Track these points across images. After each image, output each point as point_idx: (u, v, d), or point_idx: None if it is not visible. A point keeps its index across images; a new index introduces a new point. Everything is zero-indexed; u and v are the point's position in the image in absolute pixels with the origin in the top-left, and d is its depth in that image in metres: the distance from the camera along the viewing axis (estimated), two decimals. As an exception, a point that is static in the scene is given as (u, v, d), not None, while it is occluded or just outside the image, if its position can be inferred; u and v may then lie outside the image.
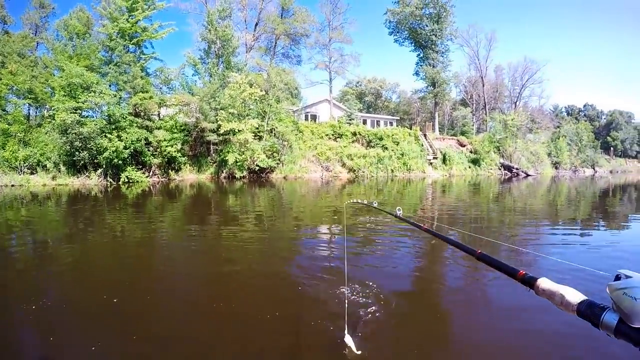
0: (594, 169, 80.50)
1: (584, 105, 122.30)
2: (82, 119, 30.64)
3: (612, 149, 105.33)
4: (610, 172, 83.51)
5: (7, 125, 32.12)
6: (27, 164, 30.95)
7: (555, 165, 69.75)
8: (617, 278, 1.31)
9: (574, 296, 1.50)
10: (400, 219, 3.92)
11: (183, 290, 6.30)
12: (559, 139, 72.62)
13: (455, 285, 6.51)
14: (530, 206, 19.45)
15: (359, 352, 3.99)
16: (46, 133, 32.60)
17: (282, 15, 55.69)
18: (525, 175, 55.12)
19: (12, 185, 28.55)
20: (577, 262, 6.34)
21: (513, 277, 1.88)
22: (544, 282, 1.68)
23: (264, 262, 8.09)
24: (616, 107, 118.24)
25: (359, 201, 5.15)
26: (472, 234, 3.59)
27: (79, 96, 31.01)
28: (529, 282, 1.76)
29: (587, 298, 1.46)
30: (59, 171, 31.01)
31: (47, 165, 31.10)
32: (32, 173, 30.94)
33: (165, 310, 5.31)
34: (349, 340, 4.07)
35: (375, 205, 4.79)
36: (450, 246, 2.54)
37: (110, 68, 34.50)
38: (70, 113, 29.76)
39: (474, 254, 2.27)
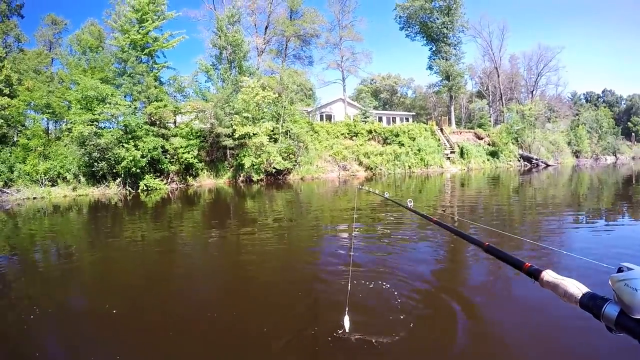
0: (615, 156, 78.92)
1: (603, 91, 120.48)
2: (99, 130, 31.06)
3: (633, 134, 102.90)
4: (633, 158, 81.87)
5: (26, 140, 32.63)
6: (47, 176, 31.36)
7: (576, 154, 68.84)
8: (620, 270, 1.33)
9: (577, 288, 1.53)
10: (411, 210, 4.03)
11: (203, 296, 6.41)
12: (578, 127, 71.48)
13: (472, 279, 6.57)
14: (551, 198, 19.20)
15: (350, 333, 4.11)
16: (65, 146, 33.08)
17: (291, 17, 56.03)
18: (545, 165, 54.22)
19: (34, 198, 28.97)
20: (592, 258, 6.33)
21: (519, 269, 1.92)
22: (548, 275, 1.72)
23: (283, 267, 8.24)
24: (636, 92, 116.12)
25: (372, 190, 5.25)
26: (482, 225, 3.63)
27: (95, 108, 31.38)
28: (534, 274, 1.81)
29: (589, 290, 1.49)
30: (79, 182, 31.42)
31: (67, 177, 31.51)
32: (52, 185, 31.37)
33: (187, 318, 5.41)
34: (346, 321, 4.15)
35: (387, 196, 4.95)
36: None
37: (124, 79, 34.88)
38: (87, 125, 30.13)
39: (482, 246, 2.33)
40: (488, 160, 54.66)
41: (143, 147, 31.79)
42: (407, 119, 66.45)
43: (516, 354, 4.34)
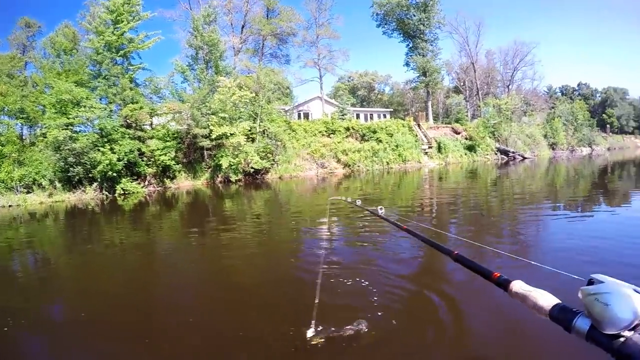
0: (591, 147, 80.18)
1: (578, 85, 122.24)
2: (74, 135, 30.55)
3: (608, 126, 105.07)
4: (608, 149, 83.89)
5: (0, 147, 32.21)
6: (22, 183, 30.85)
7: (552, 147, 69.80)
8: (590, 282, 1.33)
9: (547, 299, 1.52)
10: (381, 217, 4.04)
11: (183, 301, 6.47)
12: (554, 119, 72.59)
13: (453, 275, 6.68)
14: (528, 190, 19.61)
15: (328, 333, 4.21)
16: (40, 151, 32.61)
17: (267, 16, 55.88)
18: (522, 158, 55.08)
19: (10, 206, 28.49)
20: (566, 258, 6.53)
21: (488, 279, 1.92)
22: (517, 285, 1.71)
23: (263, 269, 8.37)
24: (610, 84, 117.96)
25: (343, 198, 5.30)
26: (454, 236, 3.67)
27: (70, 112, 30.93)
28: (503, 284, 1.80)
29: (560, 302, 1.48)
30: (55, 188, 30.94)
31: (43, 183, 31.01)
32: (28, 192, 30.85)
33: (166, 324, 5.45)
34: (310, 333, 4.22)
35: (359, 203, 4.95)
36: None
37: (99, 81, 34.49)
38: (62, 129, 29.69)
39: (451, 254, 2.35)
40: (465, 154, 55.21)
41: (119, 150, 31.44)
42: (384, 116, 66.85)
43: (498, 352, 4.47)
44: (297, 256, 9.07)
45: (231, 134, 35.32)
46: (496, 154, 57.49)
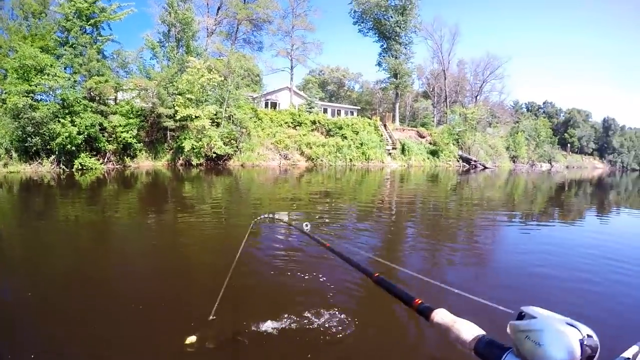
0: (550, 163, 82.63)
1: (544, 103, 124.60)
2: (35, 103, 29.66)
3: (569, 145, 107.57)
4: (567, 167, 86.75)
5: (-45, 108, 31.12)
6: (-24, 150, 30.08)
7: (513, 159, 71.57)
8: (521, 316, 1.27)
9: (472, 332, 1.45)
10: (306, 234, 3.98)
11: (133, 280, 6.35)
12: (517, 133, 74.59)
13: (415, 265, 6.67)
14: (485, 199, 19.88)
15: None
16: (-3, 118, 31.77)
17: (245, 0, 55.31)
18: (483, 167, 56.41)
19: (-39, 173, 27.78)
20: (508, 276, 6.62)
21: (409, 305, 1.84)
22: (440, 314, 1.63)
23: (216, 251, 8.30)
24: (575, 106, 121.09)
25: (269, 215, 5.25)
26: (380, 260, 3.68)
27: (32, 79, 30.04)
28: (425, 312, 1.72)
29: (485, 334, 1.41)
30: (11, 158, 29.98)
31: (-2, 152, 30.27)
32: (-19, 159, 30.10)
33: (115, 303, 5.32)
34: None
35: (285, 219, 5.05)
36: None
37: (65, 49, 33.43)
38: (23, 96, 28.81)
39: (371, 277, 2.28)
40: (428, 158, 56.24)
41: (80, 123, 30.65)
42: (352, 113, 67.19)
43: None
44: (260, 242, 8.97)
45: (196, 117, 35.00)
46: (458, 161, 58.67)
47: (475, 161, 57.89)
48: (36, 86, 29.95)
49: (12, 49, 33.64)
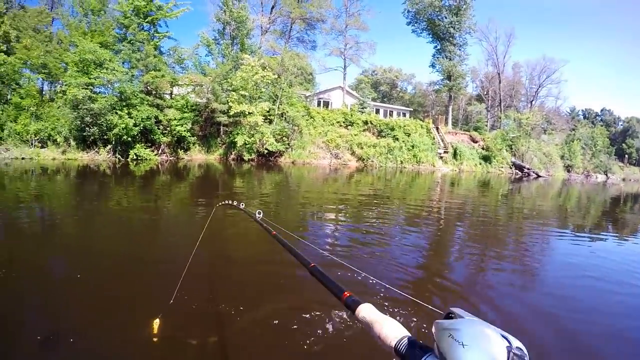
0: (606, 175, 79.48)
1: (601, 110, 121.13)
2: (94, 95, 30.59)
3: (627, 156, 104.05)
4: (623, 179, 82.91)
5: (20, 99, 32.31)
6: (38, 137, 31.11)
7: (568, 168, 69.31)
8: (448, 316, 1.21)
9: (395, 330, 1.39)
10: (256, 221, 4.00)
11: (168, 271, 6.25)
12: (573, 141, 72.16)
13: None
14: (536, 209, 19.15)
15: None
16: (58, 108, 32.81)
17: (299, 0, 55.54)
18: (536, 176, 54.48)
19: (23, 158, 28.71)
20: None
21: (338, 298, 1.79)
22: (365, 309, 1.58)
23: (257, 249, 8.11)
24: (634, 114, 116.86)
25: (229, 202, 5.23)
26: (333, 257, 3.60)
27: (92, 72, 30.94)
28: (351, 305, 1.67)
29: (408, 335, 1.35)
30: (69, 146, 31.18)
31: (58, 140, 31.24)
32: (42, 147, 31.11)
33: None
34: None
35: (242, 207, 4.98)
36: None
37: (123, 45, 34.46)
38: (82, 89, 29.75)
39: (307, 266, 2.24)
40: (480, 164, 54.94)
41: (137, 115, 31.52)
42: (404, 114, 66.36)
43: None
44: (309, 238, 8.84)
45: (249, 113, 35.25)
46: (511, 168, 57.05)
47: (528, 169, 56.12)
48: (95, 79, 30.80)
49: (72, 44, 34.77)
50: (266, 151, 36.80)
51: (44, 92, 37.74)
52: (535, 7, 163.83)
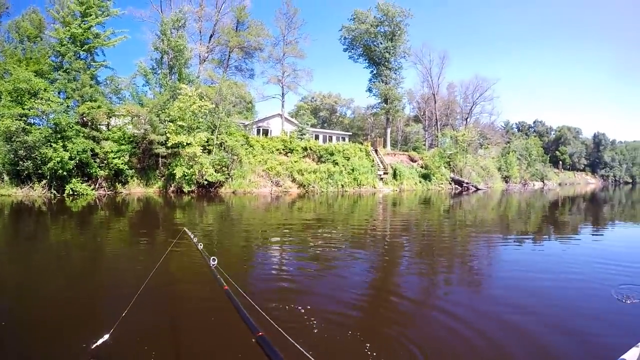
0: (543, 182, 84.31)
1: (534, 122, 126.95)
2: (28, 127, 29.91)
3: (561, 162, 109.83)
4: (559, 184, 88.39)
5: (-52, 130, 31.27)
6: (-32, 172, 30.19)
7: (506, 179, 72.46)
8: None
9: None
10: (211, 269, 3.91)
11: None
12: (509, 153, 75.76)
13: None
14: (478, 220, 19.97)
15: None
16: (-10, 140, 31.90)
17: (237, 28, 56.09)
18: (475, 189, 56.65)
19: (-48, 195, 27.87)
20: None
21: None
22: None
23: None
24: (565, 123, 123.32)
25: (191, 235, 5.31)
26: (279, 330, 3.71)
27: (26, 102, 30.33)
28: None
29: None
30: (2, 181, 30.19)
31: (-10, 174, 30.37)
32: (-27, 182, 30.20)
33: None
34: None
35: (201, 247, 4.86)
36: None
37: (59, 74, 33.76)
38: (16, 120, 29.12)
39: (255, 333, 2.21)
40: (420, 182, 56.34)
41: (72, 148, 30.81)
42: (343, 139, 67.58)
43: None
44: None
45: (188, 144, 35.11)
46: (450, 183, 58.89)
47: (467, 183, 58.08)
48: (29, 110, 30.24)
49: (6, 72, 33.83)
50: (206, 182, 36.47)
51: (-24, 122, 36.68)
52: (467, 29, 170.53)
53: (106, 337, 4.67)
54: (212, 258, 4.00)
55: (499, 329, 5.60)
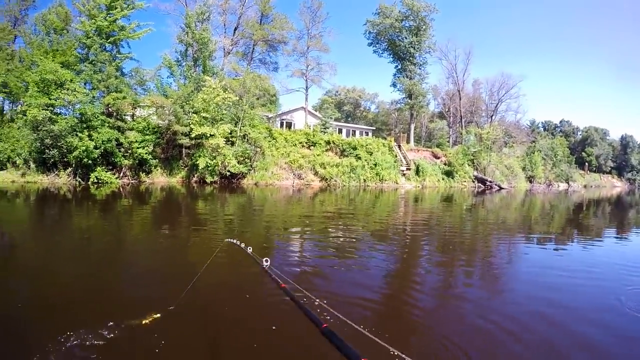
0: (568, 183, 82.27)
1: (560, 121, 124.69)
2: (54, 117, 30.42)
3: (586, 164, 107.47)
4: (584, 186, 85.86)
5: (-22, 119, 32.05)
6: (-3, 159, 30.88)
7: (530, 179, 70.97)
8: None
9: None
10: (265, 270, 3.88)
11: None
12: (534, 153, 74.15)
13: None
14: (501, 220, 19.60)
15: None
16: (18, 129, 32.55)
17: (261, 21, 56.37)
18: (498, 188, 55.77)
19: (-20, 181, 28.50)
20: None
21: None
22: None
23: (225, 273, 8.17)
24: (592, 124, 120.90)
25: (237, 243, 5.07)
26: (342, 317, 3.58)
27: (52, 93, 30.78)
28: None
29: None
30: (29, 168, 30.89)
31: (17, 162, 31.04)
32: (1, 169, 30.86)
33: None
34: None
35: (250, 251, 4.64)
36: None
37: (85, 66, 34.36)
38: (42, 110, 29.55)
39: (319, 326, 2.20)
40: (443, 179, 55.97)
41: (97, 137, 31.39)
42: (367, 133, 67.34)
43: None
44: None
45: (211, 135, 35.33)
46: (473, 181, 58.36)
47: (490, 182, 57.40)
48: (56, 100, 30.64)
49: (34, 63, 34.31)
50: (228, 173, 36.73)
51: (4, 112, 37.37)
52: (493, 25, 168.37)
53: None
54: (264, 259, 4.00)
55: (520, 319, 5.51)
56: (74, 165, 31.18)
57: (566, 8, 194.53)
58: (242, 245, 4.93)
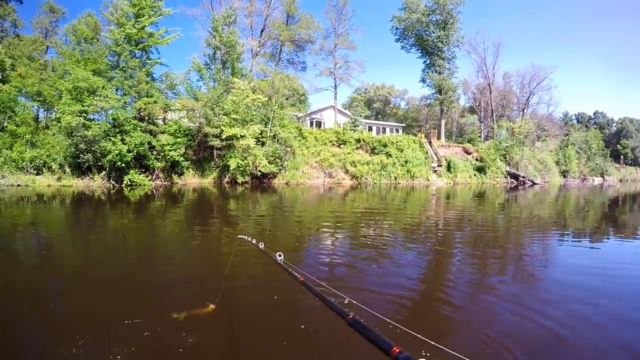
0: (603, 177, 79.79)
1: (594, 113, 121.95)
2: (88, 122, 31.19)
3: (622, 157, 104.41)
4: (620, 180, 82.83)
5: (15, 127, 32.94)
6: (33, 164, 31.77)
7: (564, 174, 69.20)
8: None
9: None
10: (279, 265, 3.76)
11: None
12: (567, 147, 72.20)
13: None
14: (535, 217, 19.23)
15: None
16: (53, 135, 33.36)
17: (287, 22, 56.75)
18: (531, 183, 54.76)
19: (19, 185, 29.41)
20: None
21: (386, 353, 1.67)
22: None
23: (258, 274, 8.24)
24: (627, 115, 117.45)
25: (248, 239, 5.03)
26: (353, 302, 3.46)
27: (85, 100, 31.57)
28: None
29: None
30: (64, 172, 31.80)
31: (53, 167, 31.89)
32: (37, 174, 31.66)
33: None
34: None
35: (262, 247, 4.53)
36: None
37: (116, 72, 35.25)
38: (76, 116, 30.33)
39: (345, 317, 2.14)
40: (475, 175, 55.10)
41: (130, 141, 32.04)
42: (397, 130, 66.80)
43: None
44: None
45: (241, 136, 35.64)
46: (506, 177, 57.31)
47: (523, 177, 56.24)
48: (89, 106, 31.35)
49: (66, 72, 35.21)
50: (259, 173, 37.06)
51: (39, 119, 38.31)
52: (522, 15, 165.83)
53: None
54: (277, 254, 3.88)
55: (558, 317, 5.40)
56: (107, 169, 31.93)
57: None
58: (254, 241, 4.87)
